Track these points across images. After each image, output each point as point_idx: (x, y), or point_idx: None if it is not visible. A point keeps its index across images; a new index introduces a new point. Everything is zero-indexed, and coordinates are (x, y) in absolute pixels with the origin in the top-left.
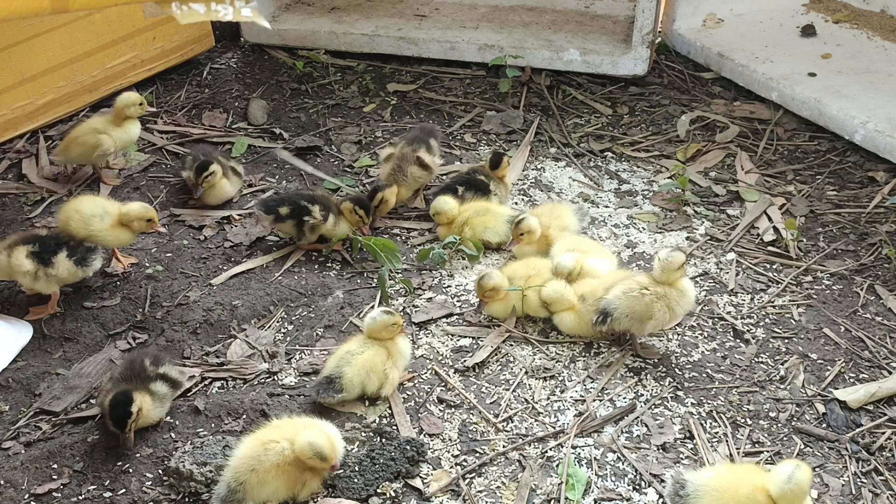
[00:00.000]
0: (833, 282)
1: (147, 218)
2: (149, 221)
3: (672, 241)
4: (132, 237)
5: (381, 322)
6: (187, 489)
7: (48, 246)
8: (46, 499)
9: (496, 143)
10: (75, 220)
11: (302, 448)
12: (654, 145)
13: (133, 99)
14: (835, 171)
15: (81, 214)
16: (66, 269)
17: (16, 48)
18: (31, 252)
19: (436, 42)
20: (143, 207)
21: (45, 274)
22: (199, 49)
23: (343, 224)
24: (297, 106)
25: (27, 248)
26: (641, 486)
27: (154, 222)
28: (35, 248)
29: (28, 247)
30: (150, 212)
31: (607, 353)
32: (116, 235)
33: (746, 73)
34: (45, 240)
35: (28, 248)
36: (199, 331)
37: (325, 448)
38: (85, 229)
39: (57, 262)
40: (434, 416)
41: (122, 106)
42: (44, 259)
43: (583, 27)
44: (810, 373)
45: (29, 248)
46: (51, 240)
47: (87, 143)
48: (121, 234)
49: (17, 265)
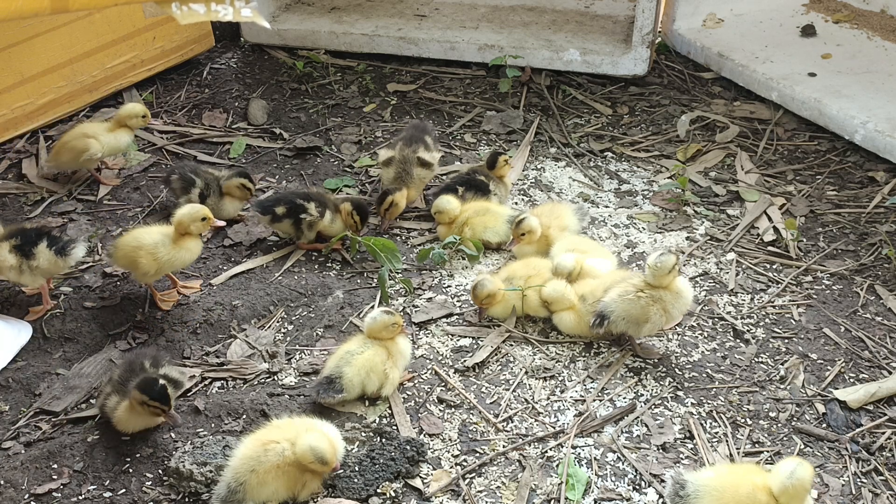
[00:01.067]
0: (833, 282)
1: (201, 217)
2: (204, 220)
3: (672, 241)
4: (200, 243)
5: (382, 322)
6: (187, 489)
7: (29, 238)
8: (46, 499)
9: (496, 143)
10: (144, 257)
11: (303, 452)
12: (654, 145)
13: (137, 111)
14: (835, 171)
15: (146, 249)
16: (46, 259)
17: (16, 48)
18: (14, 246)
19: (436, 42)
20: (192, 208)
21: (28, 267)
22: (199, 49)
23: (339, 221)
24: (297, 106)
25: (9, 243)
26: (641, 486)
27: (210, 219)
28: (17, 242)
29: (10, 241)
30: (201, 210)
31: (607, 353)
32: (187, 249)
33: (746, 73)
34: (27, 232)
35: (10, 242)
36: (199, 331)
37: (326, 452)
38: (157, 262)
39: (38, 253)
40: (434, 416)
41: (124, 115)
42: (25, 252)
43: (583, 27)
44: (810, 373)
45: (11, 243)
46: (31, 232)
47: (75, 149)
48: (189, 245)
49: (2, 260)
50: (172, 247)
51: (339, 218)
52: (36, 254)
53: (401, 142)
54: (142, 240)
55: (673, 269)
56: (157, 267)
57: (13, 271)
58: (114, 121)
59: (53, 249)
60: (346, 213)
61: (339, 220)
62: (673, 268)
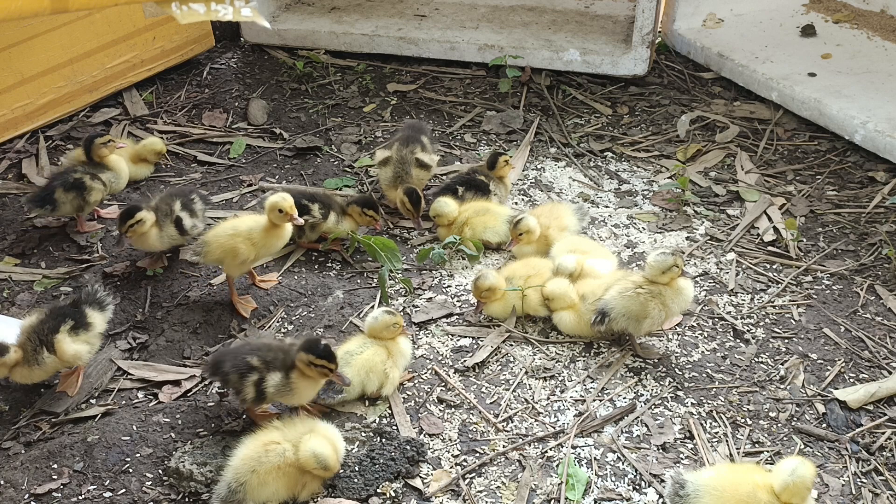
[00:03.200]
0: (833, 282)
1: (278, 209)
2: (280, 212)
3: (672, 241)
4: (284, 232)
5: (383, 322)
6: (187, 489)
7: (77, 316)
8: (46, 499)
9: (496, 143)
10: (243, 243)
11: (307, 459)
12: (654, 145)
13: (158, 147)
14: (835, 171)
15: (243, 235)
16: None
17: (16, 48)
18: (70, 328)
19: (436, 42)
20: (276, 197)
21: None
22: (199, 49)
23: (347, 222)
24: (297, 106)
25: (67, 326)
26: (641, 486)
27: (286, 211)
28: (72, 324)
29: (67, 325)
30: (283, 200)
31: (607, 353)
32: (275, 235)
33: (746, 73)
34: (65, 311)
35: (67, 325)
36: (199, 331)
37: (330, 459)
38: (255, 247)
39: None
40: (434, 416)
41: (142, 149)
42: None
43: (583, 27)
44: (810, 373)
45: (69, 325)
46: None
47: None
48: (280, 233)
49: (74, 352)
50: (264, 234)
51: (347, 219)
52: (92, 323)
53: (397, 142)
54: (238, 227)
55: (670, 270)
56: (255, 252)
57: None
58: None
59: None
60: (358, 214)
61: (347, 220)
62: (670, 268)
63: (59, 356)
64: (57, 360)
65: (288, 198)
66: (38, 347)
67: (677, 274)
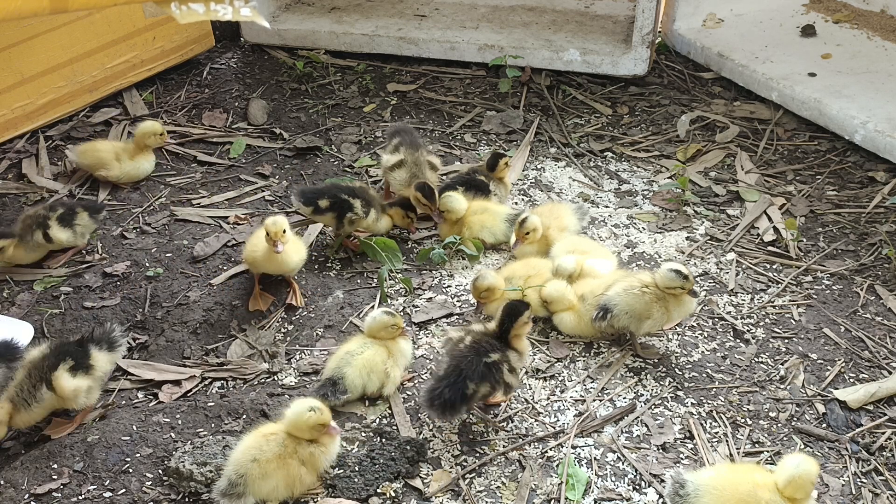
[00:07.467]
0: (833, 282)
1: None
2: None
3: (672, 241)
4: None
5: (382, 322)
6: (187, 489)
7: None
8: (46, 499)
9: (496, 143)
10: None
11: (299, 414)
12: (654, 145)
13: (156, 128)
14: (835, 171)
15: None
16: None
17: (16, 48)
18: (70, 368)
19: (436, 42)
20: (268, 220)
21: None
22: (199, 49)
23: (385, 220)
24: (297, 106)
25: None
26: (641, 486)
27: (272, 235)
28: (72, 363)
29: (67, 363)
30: (272, 224)
31: (607, 353)
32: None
33: (746, 73)
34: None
35: (67, 364)
36: (199, 331)
37: (323, 409)
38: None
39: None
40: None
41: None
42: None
43: (583, 27)
44: (810, 373)
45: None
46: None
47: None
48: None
49: (73, 388)
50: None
51: (385, 218)
52: (94, 365)
53: (403, 146)
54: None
55: (677, 289)
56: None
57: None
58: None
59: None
60: (401, 217)
61: (385, 219)
62: (677, 288)
63: (59, 394)
64: (56, 397)
65: (279, 222)
66: (36, 384)
67: (684, 293)
